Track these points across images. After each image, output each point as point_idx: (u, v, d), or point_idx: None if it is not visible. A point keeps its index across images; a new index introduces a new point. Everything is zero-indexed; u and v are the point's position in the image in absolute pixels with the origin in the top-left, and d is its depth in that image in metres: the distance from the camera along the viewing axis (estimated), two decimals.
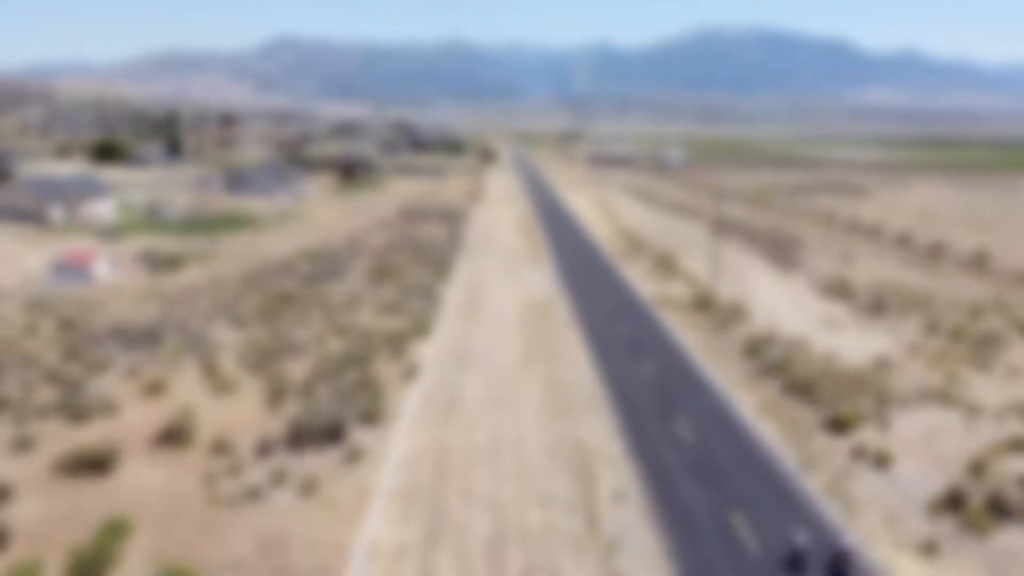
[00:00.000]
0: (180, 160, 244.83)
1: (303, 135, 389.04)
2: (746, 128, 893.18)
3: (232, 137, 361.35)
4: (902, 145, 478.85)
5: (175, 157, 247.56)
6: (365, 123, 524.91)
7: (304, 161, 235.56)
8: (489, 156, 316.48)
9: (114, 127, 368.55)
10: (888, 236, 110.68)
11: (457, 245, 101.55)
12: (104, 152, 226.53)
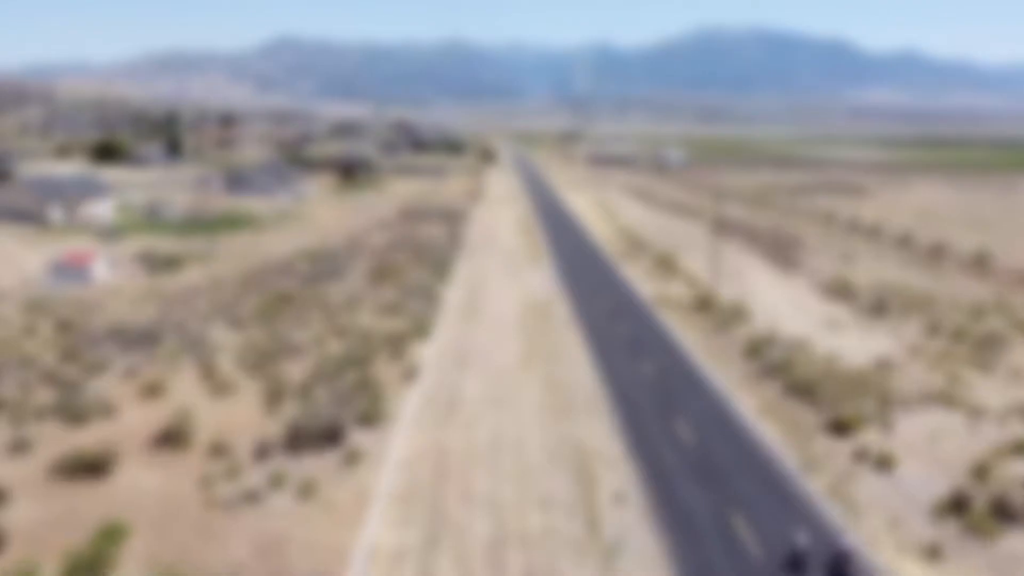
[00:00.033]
0: (180, 160, 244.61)
1: (303, 135, 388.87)
2: (746, 128, 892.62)
3: (232, 137, 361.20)
4: (902, 145, 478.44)
5: (175, 157, 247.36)
6: (365, 123, 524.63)
7: (304, 161, 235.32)
8: (489, 156, 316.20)
9: (114, 127, 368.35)
10: (888, 236, 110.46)
11: (457, 245, 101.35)
12: (104, 152, 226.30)
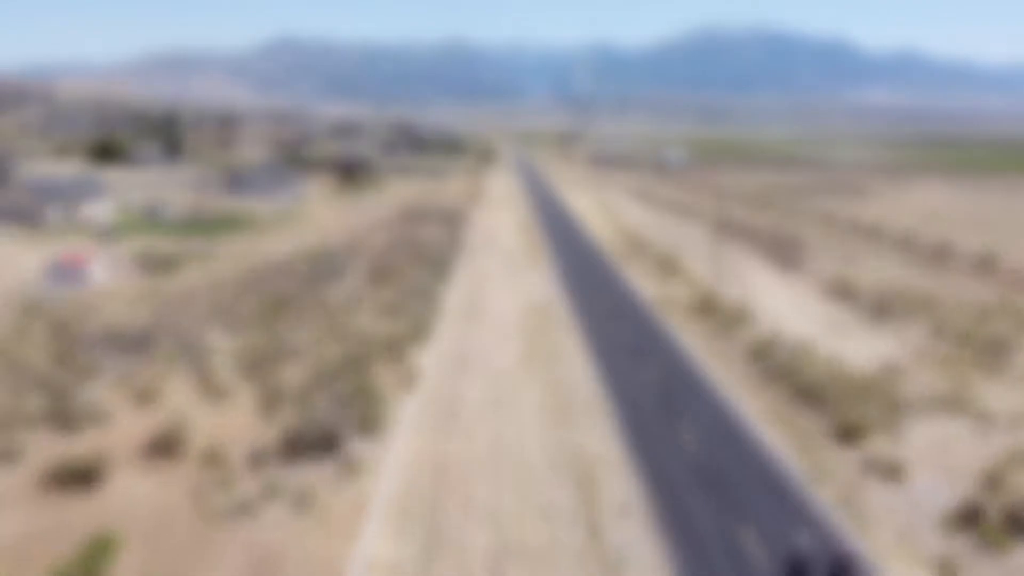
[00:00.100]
0: (179, 160, 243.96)
1: (303, 135, 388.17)
2: (747, 128, 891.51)
3: (232, 137, 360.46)
4: (902, 145, 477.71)
5: (174, 157, 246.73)
6: (365, 123, 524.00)
7: (304, 161, 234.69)
8: (489, 156, 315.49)
9: (113, 127, 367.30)
10: (891, 237, 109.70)
11: (457, 246, 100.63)
12: (103, 152, 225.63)
